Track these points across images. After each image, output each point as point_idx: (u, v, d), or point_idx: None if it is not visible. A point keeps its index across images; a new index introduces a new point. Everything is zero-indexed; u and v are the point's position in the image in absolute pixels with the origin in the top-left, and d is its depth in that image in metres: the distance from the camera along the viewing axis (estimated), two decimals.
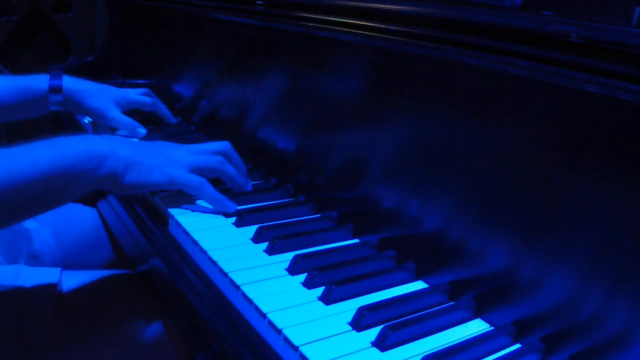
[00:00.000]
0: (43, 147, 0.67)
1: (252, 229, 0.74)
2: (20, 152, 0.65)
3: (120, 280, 0.86)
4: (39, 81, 1.00)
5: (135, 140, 1.02)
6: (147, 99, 1.12)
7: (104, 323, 0.80)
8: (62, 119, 1.20)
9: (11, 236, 0.99)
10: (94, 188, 0.72)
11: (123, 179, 0.71)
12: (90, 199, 1.10)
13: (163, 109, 1.14)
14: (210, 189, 0.77)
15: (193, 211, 0.78)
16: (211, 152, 0.80)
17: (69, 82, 1.02)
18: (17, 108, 0.99)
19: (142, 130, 1.06)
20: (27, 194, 0.64)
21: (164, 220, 0.79)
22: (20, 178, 0.63)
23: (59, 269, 0.82)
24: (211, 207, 0.79)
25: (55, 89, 1.00)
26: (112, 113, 1.03)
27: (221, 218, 0.78)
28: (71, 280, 0.82)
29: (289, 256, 0.68)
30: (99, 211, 1.08)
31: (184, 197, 0.80)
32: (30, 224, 1.01)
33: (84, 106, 1.02)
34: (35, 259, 1.00)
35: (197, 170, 0.77)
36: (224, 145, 0.82)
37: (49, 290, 0.77)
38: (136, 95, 1.11)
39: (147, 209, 0.83)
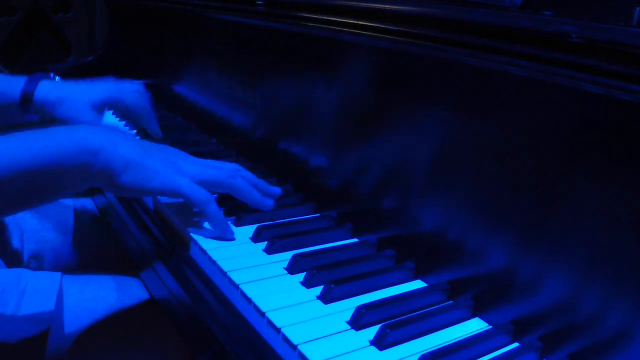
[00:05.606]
0: (25, 139, 0.61)
1: (251, 228, 0.74)
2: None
3: (120, 280, 0.86)
4: (16, 86, 0.91)
5: (138, 137, 0.94)
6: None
7: (102, 322, 0.80)
8: None
9: (10, 238, 0.99)
10: (87, 185, 0.67)
11: (119, 179, 0.65)
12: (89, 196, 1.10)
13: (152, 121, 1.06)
14: (215, 207, 0.69)
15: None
16: (220, 167, 0.73)
17: (43, 90, 0.92)
18: None
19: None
20: (7, 190, 0.59)
21: (169, 225, 0.79)
22: None
23: (60, 273, 0.81)
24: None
25: (26, 99, 0.90)
26: (84, 119, 0.93)
27: None
28: (72, 284, 0.82)
29: (288, 255, 0.68)
30: (98, 210, 1.08)
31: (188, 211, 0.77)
32: (32, 225, 1.01)
33: (55, 117, 0.93)
34: (36, 260, 1.00)
35: (204, 184, 0.69)
36: (234, 165, 0.75)
37: (50, 295, 0.77)
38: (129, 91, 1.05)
39: (149, 213, 0.83)
